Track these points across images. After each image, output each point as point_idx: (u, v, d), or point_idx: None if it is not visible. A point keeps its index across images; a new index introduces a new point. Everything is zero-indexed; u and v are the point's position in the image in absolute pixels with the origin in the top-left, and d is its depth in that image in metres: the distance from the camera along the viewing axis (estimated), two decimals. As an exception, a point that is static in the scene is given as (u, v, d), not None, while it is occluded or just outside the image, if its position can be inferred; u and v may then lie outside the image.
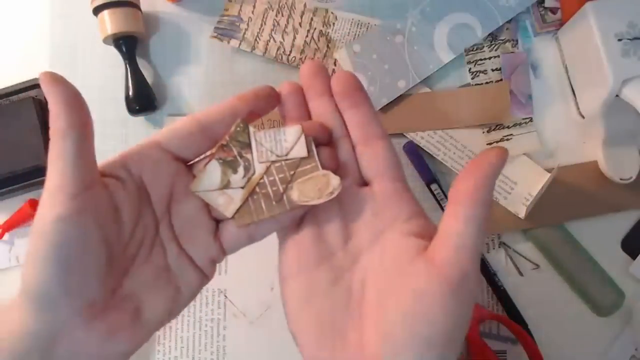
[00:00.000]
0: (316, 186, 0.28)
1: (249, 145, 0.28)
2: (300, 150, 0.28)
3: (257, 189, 0.28)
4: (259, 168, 0.28)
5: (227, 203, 0.28)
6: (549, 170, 0.39)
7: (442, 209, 0.40)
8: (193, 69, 0.43)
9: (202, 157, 0.28)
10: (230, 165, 0.28)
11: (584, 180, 0.39)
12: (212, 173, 0.28)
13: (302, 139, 0.27)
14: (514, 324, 0.38)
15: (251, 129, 0.28)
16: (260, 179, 0.28)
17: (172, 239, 0.25)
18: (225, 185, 0.28)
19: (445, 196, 0.40)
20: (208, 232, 0.26)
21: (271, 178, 0.28)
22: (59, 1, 0.44)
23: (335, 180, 0.27)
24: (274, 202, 0.28)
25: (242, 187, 0.28)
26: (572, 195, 0.39)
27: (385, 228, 0.24)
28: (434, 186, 0.40)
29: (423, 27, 0.41)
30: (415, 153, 0.40)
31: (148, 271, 0.24)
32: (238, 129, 0.28)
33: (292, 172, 0.28)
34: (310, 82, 0.27)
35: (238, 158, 0.28)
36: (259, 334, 0.40)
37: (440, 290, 0.20)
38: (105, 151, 0.43)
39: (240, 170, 0.28)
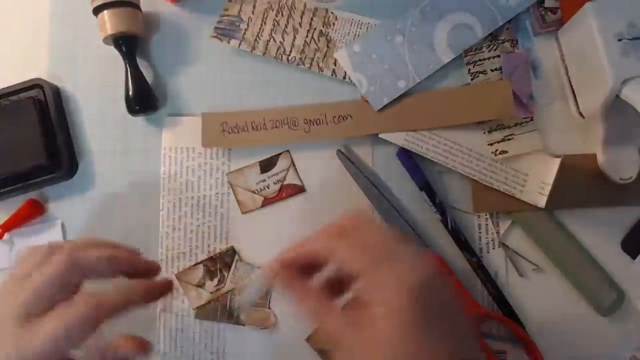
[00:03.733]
0: (260, 317, 0.40)
1: (229, 267, 0.40)
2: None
3: (220, 299, 0.40)
4: (229, 286, 0.40)
5: (195, 297, 0.40)
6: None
7: (439, 213, 0.40)
8: (193, 69, 0.43)
9: (198, 262, 0.41)
10: (210, 273, 0.40)
11: (587, 170, 0.39)
12: (197, 272, 0.41)
13: (262, 284, 0.37)
14: (514, 324, 0.38)
15: (236, 256, 0.40)
16: (225, 293, 0.40)
17: None
18: (200, 286, 0.40)
19: (434, 203, 0.40)
20: None
21: (233, 296, 0.40)
22: (59, 1, 0.44)
23: (273, 318, 0.40)
24: (225, 313, 0.39)
25: (211, 293, 0.40)
26: (576, 183, 0.39)
27: None
28: (427, 192, 0.40)
29: (423, 27, 0.41)
30: (408, 160, 0.40)
31: None
32: (227, 252, 0.40)
33: None
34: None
35: (218, 272, 0.40)
36: (259, 334, 0.40)
37: None
38: (105, 151, 0.43)
39: (215, 281, 0.40)
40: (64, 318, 0.28)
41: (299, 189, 0.41)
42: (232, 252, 0.41)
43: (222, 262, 0.41)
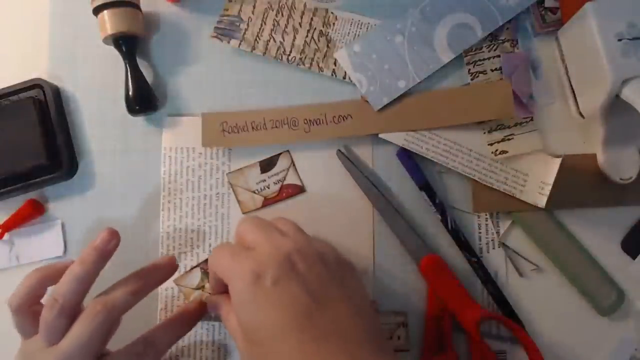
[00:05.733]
0: None
1: None
2: None
3: None
4: None
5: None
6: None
7: (439, 213, 0.40)
8: (193, 69, 0.43)
9: (194, 265, 0.41)
10: (208, 275, 0.40)
11: (587, 170, 0.39)
12: (193, 276, 0.41)
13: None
14: (514, 324, 0.38)
15: None
16: None
17: None
18: (200, 288, 0.40)
19: (434, 203, 0.40)
20: None
21: None
22: (59, 1, 0.44)
23: None
24: None
25: (211, 294, 0.38)
26: (576, 183, 0.39)
27: None
28: (427, 192, 0.40)
29: (423, 27, 0.41)
30: (408, 160, 0.40)
31: None
32: None
33: None
34: None
35: None
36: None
37: None
38: (105, 151, 0.43)
39: None
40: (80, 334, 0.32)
41: (299, 189, 0.41)
42: None
43: None
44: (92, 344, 0.32)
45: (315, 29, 0.42)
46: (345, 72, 0.41)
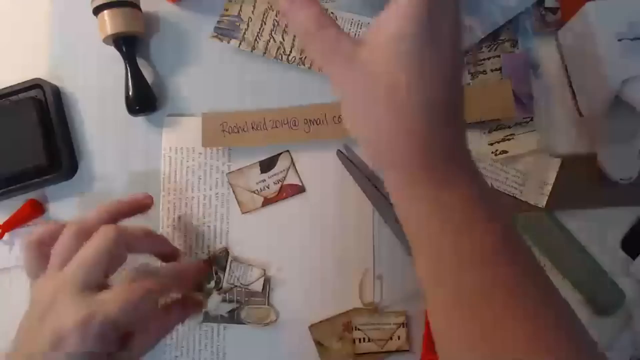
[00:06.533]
0: (260, 315, 0.40)
1: (224, 268, 0.40)
2: (257, 286, 0.40)
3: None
4: (226, 287, 0.40)
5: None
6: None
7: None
8: (193, 69, 0.43)
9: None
10: (206, 278, 0.40)
11: (587, 170, 0.39)
12: None
13: (262, 279, 0.40)
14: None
15: (230, 257, 0.40)
16: (224, 293, 0.40)
17: None
18: (198, 290, 0.40)
19: None
20: None
21: (231, 296, 0.40)
22: (59, 1, 0.44)
23: (273, 315, 0.40)
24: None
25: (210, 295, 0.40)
26: (576, 183, 0.40)
27: None
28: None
29: (423, 27, 0.41)
30: None
31: None
32: (221, 254, 0.41)
33: (246, 298, 0.40)
34: None
35: (213, 274, 0.40)
36: (260, 331, 0.40)
37: None
38: (105, 151, 0.43)
39: (212, 283, 0.40)
40: (132, 289, 0.31)
41: (299, 189, 0.41)
42: (225, 253, 0.41)
43: (216, 264, 0.40)
44: (99, 263, 0.31)
45: (315, 29, 0.42)
46: (345, 72, 0.41)
